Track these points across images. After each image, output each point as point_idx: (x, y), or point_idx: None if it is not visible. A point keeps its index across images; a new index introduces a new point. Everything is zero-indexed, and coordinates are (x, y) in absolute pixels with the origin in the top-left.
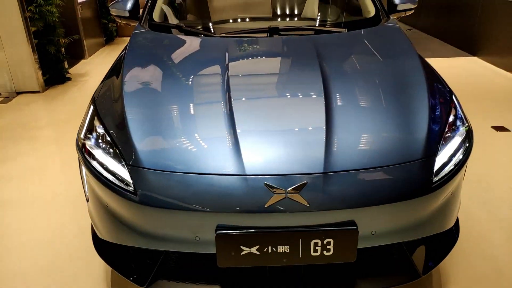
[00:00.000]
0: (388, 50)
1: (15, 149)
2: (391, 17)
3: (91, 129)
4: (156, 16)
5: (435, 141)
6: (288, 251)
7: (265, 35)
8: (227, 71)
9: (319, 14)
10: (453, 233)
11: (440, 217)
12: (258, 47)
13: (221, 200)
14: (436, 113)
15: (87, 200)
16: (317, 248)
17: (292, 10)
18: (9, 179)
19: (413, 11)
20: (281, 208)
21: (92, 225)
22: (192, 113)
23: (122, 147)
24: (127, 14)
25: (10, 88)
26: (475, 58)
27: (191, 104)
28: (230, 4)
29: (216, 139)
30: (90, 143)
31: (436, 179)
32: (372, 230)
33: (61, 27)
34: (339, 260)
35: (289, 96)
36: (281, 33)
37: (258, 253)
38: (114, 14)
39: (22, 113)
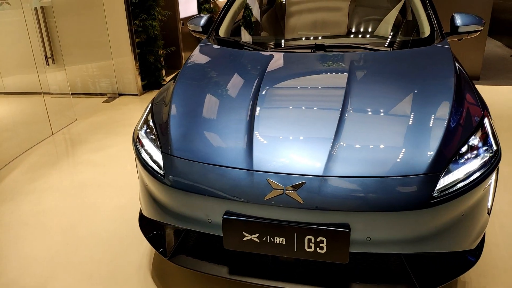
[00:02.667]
0: (424, 69)
1: (108, 140)
2: (449, 39)
3: (145, 123)
4: (222, 32)
5: (444, 159)
6: (285, 243)
7: (309, 50)
8: (261, 82)
9: (371, 32)
10: (468, 258)
11: (450, 236)
12: (297, 62)
13: (229, 189)
14: (455, 133)
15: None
16: (311, 244)
17: (349, 28)
18: (99, 164)
19: (478, 33)
20: (278, 203)
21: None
22: (221, 115)
23: (161, 138)
24: (200, 29)
25: (113, 90)
26: None
27: (222, 108)
28: (287, 23)
29: (235, 139)
30: (141, 133)
31: (437, 195)
32: (366, 236)
33: (162, 40)
34: (332, 259)
35: (307, 108)
36: (327, 50)
37: (258, 240)
38: (190, 29)
39: (120, 112)
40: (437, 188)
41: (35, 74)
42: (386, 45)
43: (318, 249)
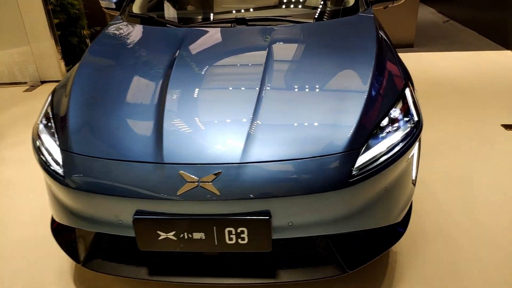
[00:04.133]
0: (346, 40)
1: (29, 133)
2: (374, 7)
3: (44, 115)
4: (136, 7)
5: (362, 135)
6: (204, 238)
7: (229, 25)
8: (174, 63)
9: (294, 4)
10: (395, 231)
11: (374, 213)
12: (214, 38)
13: (138, 186)
14: (374, 106)
15: None
16: (231, 236)
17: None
18: (18, 161)
19: (402, 1)
20: (193, 196)
21: None
22: (127, 103)
23: (60, 133)
24: (113, 6)
25: (34, 77)
26: (509, 52)
27: (128, 95)
28: None
29: (142, 128)
30: (40, 128)
31: (356, 173)
32: (289, 221)
33: (85, 19)
34: (255, 249)
35: (223, 89)
36: (249, 23)
37: (175, 238)
38: (103, 6)
39: (43, 101)
40: (356, 165)
41: None
42: (309, 17)
43: (239, 240)
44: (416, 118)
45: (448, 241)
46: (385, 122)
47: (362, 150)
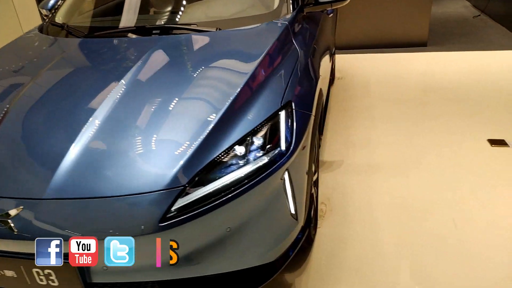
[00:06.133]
0: (229, 56)
1: None
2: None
3: None
4: (60, 15)
5: (192, 170)
6: (16, 276)
7: (133, 35)
8: (31, 81)
9: (201, 11)
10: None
11: (218, 257)
12: (92, 52)
13: None
14: (220, 136)
15: None
16: (41, 277)
17: (180, 6)
18: None
19: (346, 1)
20: None
21: None
22: None
23: None
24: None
25: None
26: None
27: None
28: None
29: None
30: None
31: (174, 215)
32: (102, 265)
33: None
34: None
35: (58, 112)
36: (154, 32)
37: None
38: (43, 14)
39: None
40: (177, 206)
41: None
42: (219, 25)
43: (50, 282)
44: (283, 148)
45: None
46: (233, 152)
47: (189, 187)
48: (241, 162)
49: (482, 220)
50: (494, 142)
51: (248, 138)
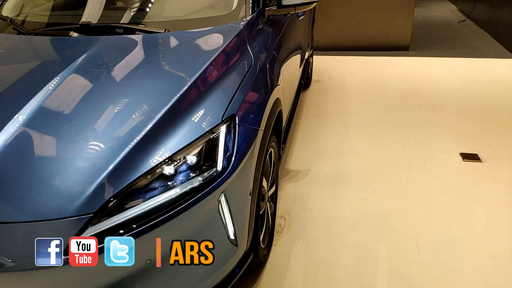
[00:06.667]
0: (173, 62)
1: None
2: (271, 13)
3: None
4: (7, 8)
5: (102, 196)
6: None
7: (65, 33)
8: None
9: (163, 7)
10: None
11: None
12: (33, 52)
13: None
14: (142, 154)
15: None
16: None
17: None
18: None
19: (313, 5)
20: None
21: None
22: None
23: None
24: None
25: None
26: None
27: None
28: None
29: None
30: None
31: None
32: None
33: None
34: None
35: None
36: (100, 32)
37: None
38: None
39: None
40: (87, 235)
41: None
42: (169, 26)
43: None
44: (219, 168)
45: None
46: (160, 173)
47: (103, 214)
48: (169, 184)
49: (445, 241)
50: (466, 157)
51: (180, 157)
